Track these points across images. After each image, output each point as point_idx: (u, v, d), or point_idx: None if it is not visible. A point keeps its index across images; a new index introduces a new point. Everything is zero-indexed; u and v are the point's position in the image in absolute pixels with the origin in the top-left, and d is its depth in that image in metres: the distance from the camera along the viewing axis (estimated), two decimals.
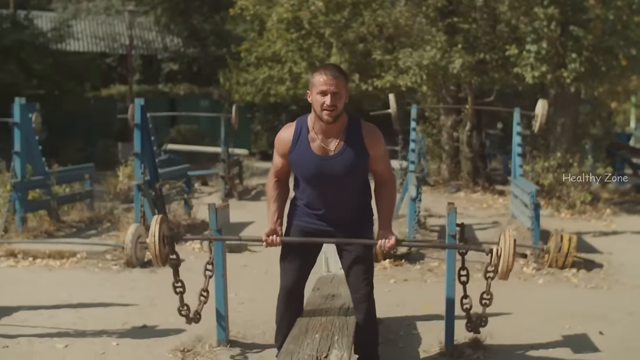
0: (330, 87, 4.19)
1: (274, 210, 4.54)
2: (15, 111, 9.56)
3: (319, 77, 4.24)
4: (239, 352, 5.31)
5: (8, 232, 9.27)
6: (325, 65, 4.38)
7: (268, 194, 4.60)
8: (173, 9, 29.80)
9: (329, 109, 4.20)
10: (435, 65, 13.62)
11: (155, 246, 4.58)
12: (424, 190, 15.49)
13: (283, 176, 4.57)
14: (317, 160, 4.34)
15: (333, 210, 4.51)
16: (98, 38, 29.70)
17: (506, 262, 4.46)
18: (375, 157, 4.41)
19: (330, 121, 4.24)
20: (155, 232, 4.58)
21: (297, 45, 19.36)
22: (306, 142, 4.36)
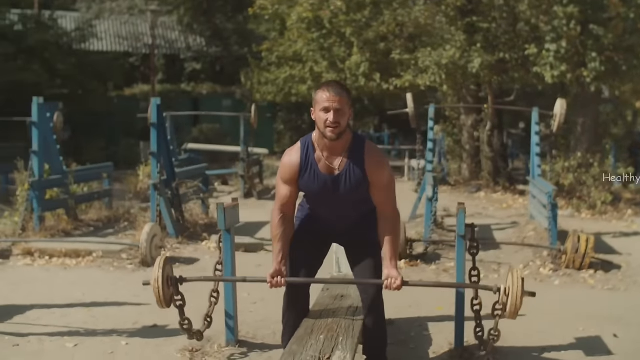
0: (333, 103, 4.17)
1: (278, 250, 4.43)
2: (33, 110, 9.60)
3: (322, 94, 4.22)
4: (248, 353, 5.30)
5: (26, 231, 9.33)
6: (329, 82, 4.35)
7: (272, 232, 4.47)
8: (196, 8, 29.90)
9: (332, 125, 4.18)
10: (454, 65, 13.55)
11: (159, 290, 4.57)
12: (444, 190, 15.53)
13: (289, 211, 4.46)
14: (325, 180, 4.35)
15: (338, 220, 4.55)
16: (121, 38, 29.86)
17: (514, 303, 4.39)
18: (376, 185, 4.36)
19: (333, 138, 4.23)
20: (159, 276, 4.57)
21: (318, 44, 19.36)
22: (314, 163, 4.35)
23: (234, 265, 5.41)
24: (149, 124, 9.48)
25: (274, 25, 21.66)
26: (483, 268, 8.19)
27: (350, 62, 18.57)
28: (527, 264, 8.44)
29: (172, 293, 4.76)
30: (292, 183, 4.40)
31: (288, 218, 4.46)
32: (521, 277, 4.41)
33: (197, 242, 9.50)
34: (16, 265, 8.30)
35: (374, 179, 4.32)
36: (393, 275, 4.33)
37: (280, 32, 21.18)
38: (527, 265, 8.41)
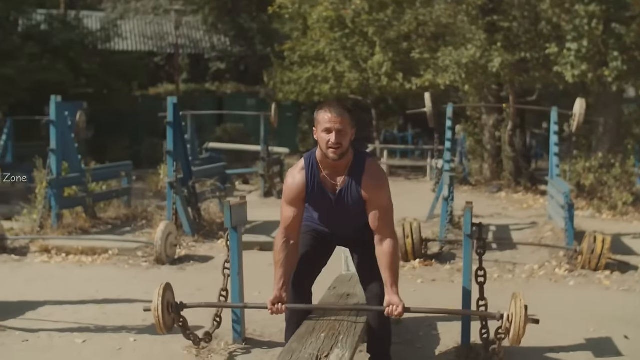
0: (335, 124, 4.16)
1: (280, 276, 4.40)
2: (51, 109, 9.68)
3: (324, 114, 4.21)
4: (254, 351, 5.31)
5: (44, 229, 9.42)
6: (330, 102, 4.33)
7: (275, 256, 4.41)
8: (220, 8, 30.00)
9: (334, 146, 4.18)
10: (474, 64, 13.48)
11: (158, 316, 4.60)
12: (464, 190, 15.47)
13: (293, 235, 4.42)
14: (330, 199, 4.38)
15: (340, 231, 4.63)
16: (146, 37, 30.04)
17: (517, 331, 4.37)
18: (373, 206, 4.32)
19: (335, 159, 4.23)
20: (159, 303, 4.61)
21: (340, 44, 19.38)
22: (320, 183, 4.36)
23: (241, 263, 5.43)
24: (165, 122, 9.52)
25: (297, 24, 21.67)
26: (498, 268, 8.19)
27: (372, 62, 18.57)
28: (542, 264, 8.37)
29: (174, 318, 4.80)
30: (298, 204, 4.38)
31: (292, 243, 4.40)
32: (524, 305, 4.36)
33: (213, 241, 9.53)
34: (33, 262, 8.38)
35: (371, 199, 4.31)
36: (394, 302, 4.27)
37: (303, 31, 21.19)
38: (542, 265, 8.35)
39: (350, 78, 19.40)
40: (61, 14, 25.34)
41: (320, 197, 4.37)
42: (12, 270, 7.96)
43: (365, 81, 19.50)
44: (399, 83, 18.18)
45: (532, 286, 7.57)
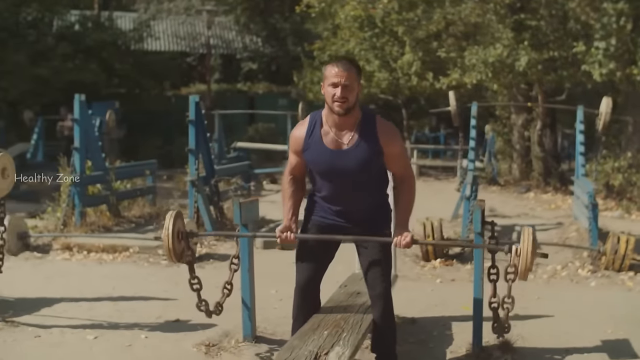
0: (341, 79, 4.15)
1: (288, 207, 4.53)
2: (75, 108, 9.75)
3: (331, 69, 4.21)
4: (264, 348, 5.29)
5: (67, 226, 9.49)
6: (338, 58, 4.35)
7: (283, 191, 4.58)
8: (253, 8, 30.06)
9: (340, 100, 4.16)
10: (500, 63, 13.35)
11: (168, 240, 4.58)
12: (493, 190, 15.35)
13: (298, 174, 4.54)
14: (330, 154, 4.30)
15: (349, 205, 4.46)
16: (179, 37, 30.21)
17: (525, 261, 4.29)
18: (391, 155, 4.35)
19: (341, 113, 4.20)
20: (169, 227, 4.58)
21: (370, 43, 19.32)
22: (319, 136, 4.32)
23: (251, 260, 5.41)
24: (188, 121, 9.55)
25: (326, 24, 21.65)
26: None
27: (402, 62, 18.49)
28: (565, 265, 8.26)
29: (183, 248, 4.75)
30: (299, 154, 4.43)
31: (298, 179, 4.55)
32: (533, 236, 4.30)
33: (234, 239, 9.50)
34: (55, 260, 8.44)
35: (389, 149, 4.31)
36: (404, 233, 4.34)
37: (333, 31, 21.17)
38: (565, 266, 8.23)
39: (380, 78, 19.33)
40: (94, 15, 25.60)
41: (319, 151, 4.32)
42: (33, 267, 8.02)
43: (395, 81, 19.42)
44: (429, 83, 18.07)
45: (553, 286, 7.48)
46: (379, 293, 4.45)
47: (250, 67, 29.88)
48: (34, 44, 22.33)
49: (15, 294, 6.67)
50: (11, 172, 5.63)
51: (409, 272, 8.06)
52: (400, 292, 6.95)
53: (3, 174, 5.52)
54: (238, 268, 5.26)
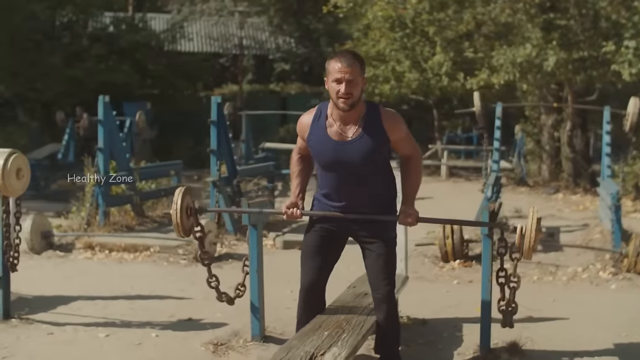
0: (345, 74, 4.15)
1: (296, 185, 4.60)
2: (99, 109, 9.85)
3: (334, 64, 4.20)
4: (271, 348, 5.29)
5: (91, 226, 9.59)
6: (341, 51, 4.35)
7: (291, 169, 4.65)
8: (286, 9, 30.12)
9: (344, 96, 4.16)
10: (528, 63, 13.23)
11: (177, 215, 4.63)
12: (521, 191, 15.23)
13: (306, 153, 4.56)
14: (334, 146, 4.30)
15: (353, 201, 4.43)
16: (212, 39, 30.36)
17: (528, 239, 4.28)
18: (398, 140, 4.37)
19: (346, 109, 4.20)
20: (178, 202, 4.64)
21: (401, 44, 19.27)
22: (323, 127, 4.33)
23: (260, 260, 5.42)
24: (209, 121, 9.62)
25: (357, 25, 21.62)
26: (539, 270, 8.04)
27: (432, 62, 18.42)
28: (586, 267, 8.17)
29: (192, 224, 4.79)
30: (305, 140, 4.47)
31: (305, 158, 4.58)
32: (538, 217, 4.26)
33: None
34: (77, 259, 8.55)
35: (395, 136, 4.32)
36: (409, 212, 4.38)
37: (364, 32, 21.14)
38: (586, 268, 8.14)
39: (410, 78, 19.26)
40: (128, 16, 25.85)
41: (322, 142, 4.33)
42: (54, 266, 8.13)
43: (426, 81, 19.34)
44: (460, 83, 17.97)
45: (571, 289, 7.41)
46: (382, 294, 4.45)
47: (282, 67, 29.93)
48: (68, 45, 22.63)
49: (34, 292, 6.76)
50: (26, 172, 5.69)
51: (427, 272, 8.05)
52: (415, 293, 6.96)
53: (18, 175, 5.58)
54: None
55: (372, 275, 4.51)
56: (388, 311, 4.48)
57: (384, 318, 4.48)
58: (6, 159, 5.50)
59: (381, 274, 4.45)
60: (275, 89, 28.49)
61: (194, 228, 4.87)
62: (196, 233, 4.92)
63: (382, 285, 4.45)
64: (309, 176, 4.67)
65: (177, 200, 4.67)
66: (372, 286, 4.52)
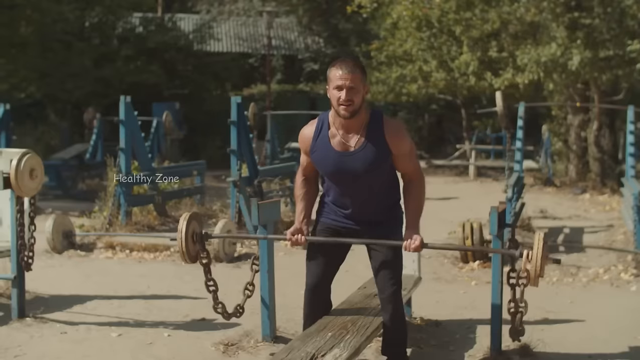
0: (346, 81, 4.12)
1: (300, 209, 4.50)
2: (120, 109, 9.92)
3: (335, 71, 4.18)
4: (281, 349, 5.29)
5: (112, 226, 9.66)
6: (342, 59, 4.29)
7: (295, 193, 4.58)
8: (315, 9, 30.14)
9: (345, 103, 4.14)
10: (552, 62, 13.10)
11: (182, 243, 4.62)
12: (548, 191, 15.10)
13: (310, 174, 4.54)
14: (337, 156, 4.28)
15: (359, 208, 4.43)
16: (241, 39, 30.44)
17: (535, 267, 4.20)
18: (399, 155, 4.31)
19: (347, 116, 4.18)
20: (183, 229, 4.62)
21: (428, 43, 19.20)
22: (326, 138, 4.31)
23: (271, 260, 5.42)
24: (229, 121, 9.65)
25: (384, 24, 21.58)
26: (560, 271, 7.94)
27: (459, 61, 18.32)
28: (608, 268, 8.06)
29: (198, 250, 4.79)
30: (308, 155, 4.43)
31: (310, 180, 4.54)
32: (544, 241, 4.21)
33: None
34: (97, 258, 8.62)
35: (397, 149, 4.27)
36: (413, 237, 4.29)
37: (392, 31, 21.09)
38: (607, 269, 8.03)
39: (437, 77, 19.19)
40: (157, 17, 26.01)
41: (326, 154, 4.31)
42: (74, 266, 8.20)
43: (454, 81, 19.26)
44: (487, 83, 17.86)
45: (590, 290, 7.31)
46: (388, 296, 4.43)
47: (312, 67, 29.96)
48: (98, 46, 22.83)
49: (51, 291, 6.84)
50: (39, 172, 5.74)
51: (446, 273, 8.01)
52: (431, 294, 6.95)
53: (31, 175, 5.64)
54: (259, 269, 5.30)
55: (378, 277, 4.49)
56: (394, 312, 4.45)
57: (390, 319, 4.46)
58: (19, 160, 5.56)
59: (387, 275, 4.43)
60: (304, 89, 28.52)
61: (200, 254, 4.84)
62: (202, 259, 4.89)
63: (387, 286, 4.43)
64: (314, 200, 4.58)
65: (182, 227, 4.65)
66: (378, 287, 4.51)
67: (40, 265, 8.07)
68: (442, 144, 27.30)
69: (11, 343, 5.36)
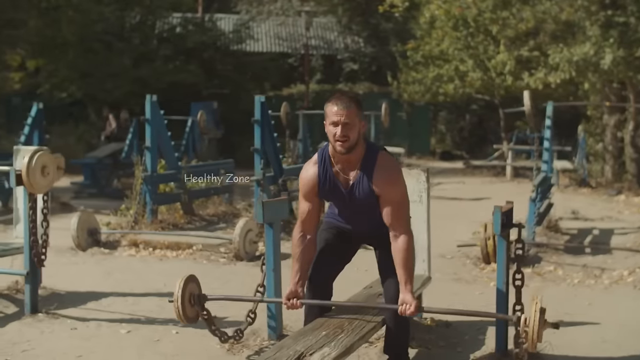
0: (341, 117, 4.15)
1: (296, 270, 4.45)
2: (146, 108, 10.01)
3: (331, 107, 4.22)
4: None
5: (138, 224, 9.75)
6: (338, 95, 4.30)
7: (293, 250, 4.52)
8: (354, 9, 30.11)
9: (341, 139, 4.16)
10: (585, 61, 12.90)
11: (178, 309, 4.69)
12: (583, 192, 14.88)
13: (310, 229, 4.48)
14: (344, 194, 4.34)
15: (360, 227, 4.53)
16: (280, 39, 30.55)
17: (532, 333, 4.17)
18: (385, 201, 4.27)
19: (343, 152, 4.21)
20: (178, 295, 4.70)
21: (464, 43, 19.08)
22: (333, 177, 4.34)
23: (277, 259, 5.42)
24: (253, 120, 9.69)
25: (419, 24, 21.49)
26: (584, 273, 7.84)
27: (495, 61, 18.17)
28: (633, 271, 7.90)
29: (197, 311, 4.86)
30: (312, 198, 4.41)
31: (308, 237, 4.45)
32: (541, 307, 4.16)
33: None
34: (121, 256, 8.70)
35: (383, 194, 4.25)
36: (407, 301, 4.23)
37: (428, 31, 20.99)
38: (632, 271, 7.87)
39: (474, 77, 19.05)
40: (196, 17, 26.21)
41: (332, 191, 4.35)
42: (96, 263, 8.29)
43: (490, 80, 19.10)
44: (525, 82, 17.66)
45: (611, 292, 7.18)
46: (392, 296, 4.42)
47: (351, 67, 29.94)
48: (137, 46, 23.08)
49: (69, 288, 6.92)
50: (52, 170, 5.81)
51: (466, 274, 7.94)
52: (447, 295, 6.89)
53: (43, 172, 5.71)
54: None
55: (383, 276, 4.54)
56: (396, 312, 4.42)
57: (393, 318, 4.44)
58: (31, 157, 5.64)
59: (391, 275, 4.42)
60: (343, 89, 28.48)
61: (198, 316, 4.90)
62: (204, 316, 4.96)
63: (392, 286, 4.43)
64: (311, 260, 4.49)
65: (178, 293, 4.73)
66: (383, 287, 4.54)
67: (63, 262, 8.24)
68: (483, 144, 27.10)
69: (21, 338, 5.45)
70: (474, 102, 26.73)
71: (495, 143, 22.40)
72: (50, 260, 7.91)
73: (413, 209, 4.65)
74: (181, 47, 23.65)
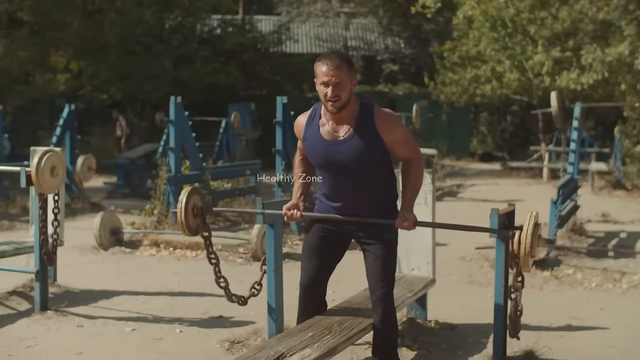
0: (332, 77, 4.12)
1: (298, 187, 4.59)
2: (170, 109, 10.10)
3: (321, 67, 4.19)
4: None
5: (161, 224, 9.84)
6: (328, 54, 4.29)
7: (294, 171, 4.66)
8: (395, 10, 30.04)
9: (331, 99, 4.15)
10: (618, 62, 12.70)
11: (181, 215, 4.70)
12: (617, 194, 14.65)
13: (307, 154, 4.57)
14: (326, 145, 4.30)
15: (350, 202, 4.41)
16: (320, 40, 30.60)
17: (524, 245, 4.12)
18: (394, 142, 4.31)
19: (334, 112, 4.19)
20: (183, 202, 4.70)
21: (502, 44, 18.92)
22: (317, 127, 4.34)
23: (278, 260, 5.42)
24: (274, 122, 9.73)
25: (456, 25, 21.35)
26: (603, 277, 7.72)
27: (533, 62, 17.99)
28: None
29: (199, 223, 4.87)
30: (302, 141, 4.49)
31: (308, 160, 4.54)
32: (535, 221, 4.10)
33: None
34: (141, 255, 8.80)
35: (391, 137, 4.27)
36: (407, 217, 4.30)
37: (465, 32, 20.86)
38: None
39: (510, 78, 18.87)
40: (235, 19, 26.38)
41: (314, 141, 4.35)
42: (115, 262, 8.39)
43: (528, 81, 18.91)
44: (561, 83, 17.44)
45: (627, 297, 7.06)
46: (379, 297, 4.39)
47: (391, 68, 29.87)
48: (177, 48, 23.29)
49: (84, 286, 7.02)
50: (61, 170, 5.91)
51: (482, 277, 7.88)
52: (456, 297, 6.87)
53: (52, 172, 5.81)
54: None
55: (370, 277, 4.47)
56: (384, 313, 4.41)
57: (380, 320, 4.41)
58: (40, 157, 5.74)
59: (378, 276, 4.40)
60: (383, 89, 28.47)
61: (200, 228, 4.91)
62: (203, 232, 4.96)
63: (378, 287, 4.39)
64: (312, 179, 4.64)
65: (183, 199, 4.74)
66: (370, 288, 4.48)
67: (84, 261, 8.38)
68: (525, 145, 26.80)
69: (27, 334, 5.56)
70: (514, 103, 26.47)
71: (535, 144, 22.15)
72: (71, 259, 8.15)
73: (418, 210, 4.62)
74: (220, 48, 23.79)
